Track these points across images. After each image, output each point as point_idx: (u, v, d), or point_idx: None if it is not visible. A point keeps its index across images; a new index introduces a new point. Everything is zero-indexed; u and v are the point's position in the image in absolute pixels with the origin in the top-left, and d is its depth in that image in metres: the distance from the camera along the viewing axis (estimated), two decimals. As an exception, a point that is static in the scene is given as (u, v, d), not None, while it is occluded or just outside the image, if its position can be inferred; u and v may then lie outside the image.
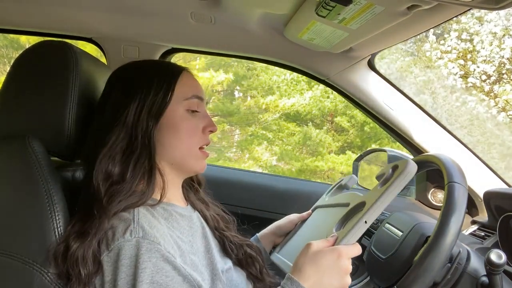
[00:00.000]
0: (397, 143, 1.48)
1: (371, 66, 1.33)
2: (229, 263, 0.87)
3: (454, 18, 0.94)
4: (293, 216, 1.07)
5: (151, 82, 0.78)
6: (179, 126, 0.79)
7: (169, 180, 0.80)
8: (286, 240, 0.96)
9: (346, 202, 0.85)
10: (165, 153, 0.79)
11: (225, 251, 0.89)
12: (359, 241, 1.12)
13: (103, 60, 1.40)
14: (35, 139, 0.77)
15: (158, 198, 0.77)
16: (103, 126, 0.77)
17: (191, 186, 0.94)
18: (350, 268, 0.67)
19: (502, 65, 6.55)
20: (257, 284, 0.90)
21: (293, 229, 1.02)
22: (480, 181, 1.31)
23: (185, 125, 0.80)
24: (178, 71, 0.82)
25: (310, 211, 1.06)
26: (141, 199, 0.74)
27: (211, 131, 0.84)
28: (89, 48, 1.64)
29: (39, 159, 0.75)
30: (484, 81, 6.58)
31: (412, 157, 1.43)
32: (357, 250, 0.69)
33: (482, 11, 5.54)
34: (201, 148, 0.83)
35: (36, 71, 0.81)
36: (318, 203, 1.06)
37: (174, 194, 0.84)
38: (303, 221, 1.04)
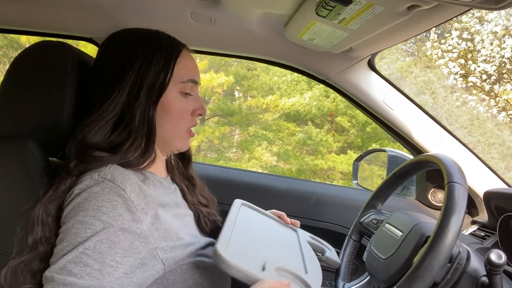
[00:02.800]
0: (397, 143, 1.48)
1: (371, 66, 1.33)
2: (203, 240, 0.83)
3: (455, 18, 0.94)
4: (275, 212, 1.04)
5: (151, 58, 0.75)
6: (171, 108, 0.77)
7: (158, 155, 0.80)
8: (228, 235, 0.78)
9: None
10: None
11: (200, 226, 0.88)
12: (359, 240, 1.13)
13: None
14: (33, 139, 0.77)
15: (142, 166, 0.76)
16: (96, 99, 0.75)
17: (179, 161, 0.94)
18: None
19: (503, 64, 6.55)
20: None
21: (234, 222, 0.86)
22: (480, 181, 1.31)
23: (177, 107, 0.78)
24: (179, 50, 0.80)
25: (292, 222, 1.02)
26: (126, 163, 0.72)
27: (200, 114, 0.83)
28: (90, 49, 1.64)
29: (37, 159, 0.75)
30: (485, 80, 6.58)
31: (412, 157, 1.43)
32: None
33: (482, 11, 5.54)
34: (188, 129, 0.82)
35: (34, 72, 0.81)
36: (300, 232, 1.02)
37: (157, 165, 0.83)
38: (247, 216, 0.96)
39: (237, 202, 0.97)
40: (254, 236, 0.85)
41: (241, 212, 0.92)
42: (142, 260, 0.66)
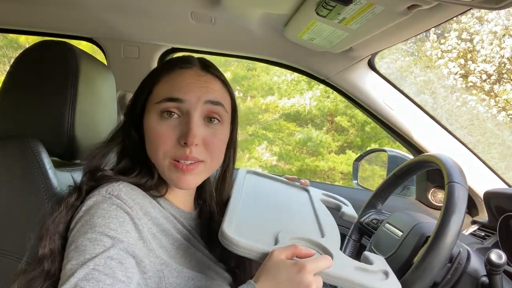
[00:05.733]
0: (397, 143, 1.48)
1: (371, 66, 1.33)
2: (213, 274, 0.77)
3: (454, 18, 0.94)
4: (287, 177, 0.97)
5: (140, 85, 0.76)
6: (148, 130, 0.71)
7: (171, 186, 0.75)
8: (235, 210, 0.71)
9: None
10: None
11: (222, 260, 0.82)
12: (359, 240, 1.13)
13: (103, 60, 1.40)
14: (35, 139, 0.77)
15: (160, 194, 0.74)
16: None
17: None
18: (312, 283, 0.57)
19: (503, 64, 6.56)
20: None
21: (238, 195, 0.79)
22: (480, 181, 1.31)
23: (154, 129, 0.69)
24: (171, 68, 0.73)
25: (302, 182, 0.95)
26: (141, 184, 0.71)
27: (185, 143, 0.67)
28: (89, 49, 1.64)
29: (38, 159, 0.75)
30: (485, 80, 6.58)
31: (412, 157, 1.43)
32: (326, 263, 0.60)
33: (482, 11, 5.54)
34: (177, 160, 0.69)
35: (35, 71, 0.81)
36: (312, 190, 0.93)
37: (178, 197, 0.78)
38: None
39: (242, 171, 0.90)
40: (263, 206, 0.79)
41: (247, 181, 0.86)
42: (146, 281, 0.64)
